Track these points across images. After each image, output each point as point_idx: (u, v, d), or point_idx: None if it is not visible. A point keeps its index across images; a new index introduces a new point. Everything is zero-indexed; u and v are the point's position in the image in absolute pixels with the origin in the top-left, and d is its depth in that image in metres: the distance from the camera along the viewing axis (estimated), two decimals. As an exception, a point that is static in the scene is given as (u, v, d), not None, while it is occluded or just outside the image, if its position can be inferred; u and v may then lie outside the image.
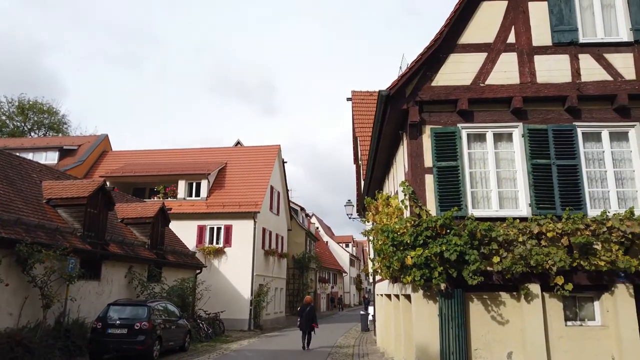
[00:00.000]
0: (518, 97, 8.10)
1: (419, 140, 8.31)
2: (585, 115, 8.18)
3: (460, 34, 8.42)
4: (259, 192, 25.98)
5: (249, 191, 26.03)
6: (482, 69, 8.30)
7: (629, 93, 7.97)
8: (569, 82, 8.11)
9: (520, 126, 8.20)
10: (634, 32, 8.20)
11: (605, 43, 8.24)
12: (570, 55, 8.23)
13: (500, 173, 8.23)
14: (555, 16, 8.34)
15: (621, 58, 8.17)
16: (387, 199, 9.40)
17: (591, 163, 8.14)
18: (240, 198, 25.52)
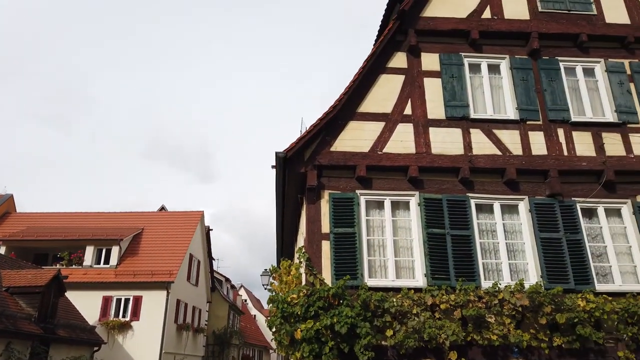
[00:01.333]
0: (414, 167, 8.17)
1: (317, 205, 8.05)
2: (477, 187, 8.36)
3: (360, 103, 8.56)
4: (175, 261, 24.43)
5: (164, 259, 24.41)
6: (381, 137, 8.38)
7: (516, 167, 8.28)
8: (461, 155, 8.33)
9: (417, 195, 8.20)
10: (519, 111, 8.71)
11: (494, 120, 8.67)
12: (463, 129, 8.55)
13: (398, 241, 8.07)
14: (449, 92, 8.74)
15: (509, 134, 8.59)
16: (288, 266, 8.90)
17: (484, 234, 8.21)
18: (154, 266, 23.79)
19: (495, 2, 9.32)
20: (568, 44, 9.32)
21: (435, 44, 9.10)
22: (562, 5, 9.43)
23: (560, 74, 9.08)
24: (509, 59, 9.09)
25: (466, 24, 9.04)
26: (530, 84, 8.92)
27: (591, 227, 8.37)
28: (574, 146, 8.59)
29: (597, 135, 8.69)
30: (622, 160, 8.50)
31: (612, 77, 9.13)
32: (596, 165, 8.42)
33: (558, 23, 9.25)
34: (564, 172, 8.39)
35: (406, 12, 8.74)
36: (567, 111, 8.78)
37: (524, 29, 9.10)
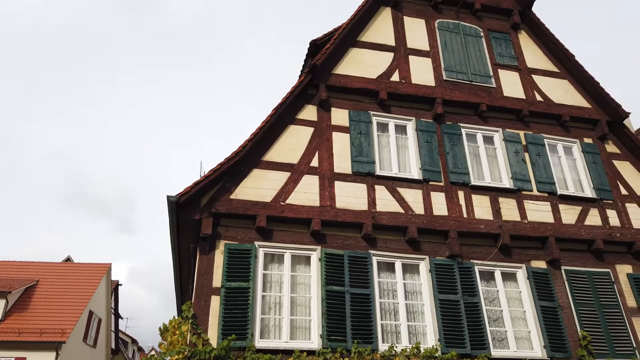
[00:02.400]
0: (317, 220, 7.90)
1: (210, 256, 7.46)
2: (380, 244, 8.21)
3: (266, 151, 8.32)
4: (70, 318, 21.93)
5: (58, 316, 21.84)
6: (285, 187, 8.11)
7: (418, 227, 8.27)
8: (365, 211, 8.21)
9: (319, 250, 7.87)
10: (423, 171, 8.87)
11: (399, 178, 8.73)
12: (368, 185, 8.50)
13: (296, 299, 7.59)
14: (356, 148, 8.76)
15: (412, 193, 8.65)
16: (178, 324, 8.04)
17: (385, 294, 7.95)
18: (45, 324, 21.15)
19: (404, 67, 9.73)
20: (470, 112, 9.83)
21: (345, 100, 9.22)
22: (464, 76, 10.03)
23: (462, 139, 9.46)
24: (415, 121, 9.37)
25: (375, 84, 9.30)
26: (434, 146, 9.19)
27: (489, 291, 8.40)
28: (473, 209, 8.79)
29: (495, 200, 8.99)
30: (517, 226, 8.78)
31: (509, 146, 9.65)
32: (493, 228, 8.61)
33: (461, 92, 9.77)
34: (464, 233, 8.49)
35: (317, 66, 8.85)
36: (467, 175, 9.07)
37: (429, 95, 9.50)
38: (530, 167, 9.54)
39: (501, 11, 11.11)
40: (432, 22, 10.53)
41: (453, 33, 10.55)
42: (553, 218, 9.10)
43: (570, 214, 9.25)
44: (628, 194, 9.85)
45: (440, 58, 10.11)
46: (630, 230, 9.35)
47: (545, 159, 9.74)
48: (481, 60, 10.39)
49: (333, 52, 9.19)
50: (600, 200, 9.55)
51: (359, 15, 9.69)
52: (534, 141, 9.85)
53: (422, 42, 10.22)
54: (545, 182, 9.42)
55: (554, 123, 10.26)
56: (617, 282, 8.92)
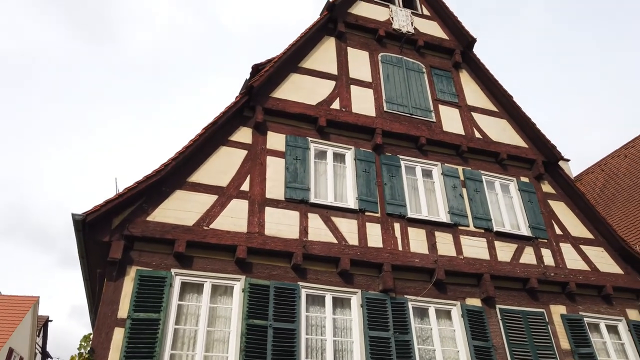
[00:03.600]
0: (243, 247, 7.35)
1: (118, 283, 6.72)
2: (311, 276, 7.72)
3: (192, 172, 7.79)
4: (-19, 356, 19.76)
5: (-34, 353, 19.65)
6: (210, 211, 7.55)
7: (351, 258, 7.86)
8: (296, 239, 7.75)
9: (243, 280, 7.29)
10: (359, 201, 8.56)
11: (334, 207, 8.37)
12: (301, 212, 8.08)
13: (213, 333, 6.91)
14: (291, 174, 8.38)
15: (347, 223, 8.29)
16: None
17: (312, 329, 7.40)
18: (-51, 362, 18.95)
19: (345, 96, 9.59)
20: (410, 145, 9.73)
21: (283, 125, 8.90)
22: (405, 109, 10.00)
23: (400, 171, 9.29)
24: (354, 150, 9.15)
25: (315, 110, 9.06)
26: (372, 177, 8.95)
27: (422, 328, 8.02)
28: (408, 242, 8.51)
29: (431, 234, 8.76)
30: (453, 261, 8.55)
31: (447, 180, 9.56)
32: (428, 263, 8.33)
33: (401, 124, 9.70)
34: (398, 267, 8.15)
35: (254, 88, 8.53)
36: (404, 207, 8.84)
37: (369, 125, 9.35)
38: (467, 203, 9.45)
39: (443, 50, 11.33)
40: (375, 55, 10.55)
41: (396, 67, 10.60)
42: (489, 255, 8.95)
43: (506, 251, 9.14)
44: (562, 234, 9.91)
45: (382, 90, 10.07)
46: (564, 270, 9.33)
47: (483, 195, 9.70)
48: (422, 95, 10.44)
49: (272, 75, 8.93)
50: (536, 239, 9.53)
51: (301, 42, 9.55)
52: (472, 177, 9.83)
53: (365, 73, 10.18)
54: (481, 218, 9.32)
55: (492, 160, 10.32)
56: (551, 323, 8.77)
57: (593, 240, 10.09)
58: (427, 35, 11.26)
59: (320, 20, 10.10)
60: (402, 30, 10.92)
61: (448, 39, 11.44)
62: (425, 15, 11.72)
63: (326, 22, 10.36)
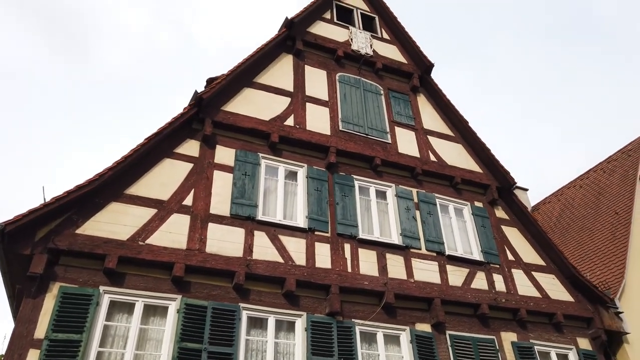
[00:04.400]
0: (180, 264, 6.92)
1: (38, 300, 6.16)
2: (254, 297, 7.32)
3: (131, 183, 7.37)
4: None
5: None
6: (147, 225, 7.11)
7: (297, 279, 7.53)
8: (239, 257, 7.37)
9: (179, 299, 6.83)
10: (309, 220, 8.29)
11: (282, 225, 8.07)
12: (247, 230, 7.74)
13: (142, 357, 6.38)
14: (238, 189, 8.06)
15: (295, 242, 7.98)
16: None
17: (252, 354, 6.97)
18: None
19: (300, 113, 9.43)
20: (365, 165, 9.59)
21: (234, 140, 8.62)
22: (361, 129, 9.90)
23: (354, 191, 9.11)
24: (307, 168, 8.93)
25: (267, 126, 8.84)
26: (324, 196, 8.72)
27: (369, 354, 7.69)
28: (358, 264, 8.25)
29: (382, 256, 8.54)
30: (403, 284, 8.32)
31: (401, 202, 9.43)
32: (378, 285, 8.08)
33: (356, 144, 9.57)
34: (346, 289, 7.86)
35: (204, 100, 8.26)
36: (355, 227, 8.61)
37: (323, 143, 9.18)
38: (420, 225, 9.31)
39: (402, 73, 11.40)
40: (333, 75, 10.49)
41: (353, 87, 10.56)
42: (440, 279, 8.78)
43: (458, 275, 9.00)
44: (514, 260, 9.87)
45: (338, 109, 9.97)
46: (516, 296, 9.24)
47: (436, 218, 9.59)
48: (379, 116, 10.39)
49: (224, 88, 8.69)
50: (488, 264, 9.44)
51: (256, 58, 9.39)
52: (426, 200, 9.73)
53: (322, 91, 10.08)
54: (434, 242, 9.18)
55: (446, 184, 10.29)
56: (502, 350, 8.60)
57: (545, 267, 10.09)
58: (386, 58, 11.32)
59: (277, 37, 10.00)
60: (361, 52, 10.95)
61: (407, 63, 11.54)
62: (385, 39, 11.82)
63: (284, 40, 10.27)
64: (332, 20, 11.30)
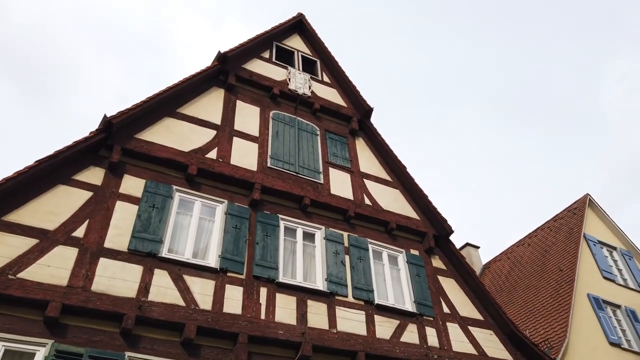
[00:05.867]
0: (57, 303, 5.95)
1: None
2: (144, 345, 6.34)
3: (12, 209, 6.49)
4: None
5: None
6: (23, 257, 6.18)
7: (199, 325, 6.62)
8: (131, 298, 6.46)
9: (49, 345, 5.80)
10: (221, 259, 7.51)
11: (190, 264, 7.24)
12: (145, 267, 6.87)
13: (-12, 416, 5.25)
14: (142, 222, 7.27)
15: (202, 284, 7.14)
16: None
17: (133, 414, 5.90)
18: None
19: (225, 147, 8.88)
20: (293, 205, 9.00)
21: (145, 170, 7.93)
22: (291, 167, 9.40)
23: (278, 231, 8.43)
24: (227, 204, 8.25)
25: (186, 157, 8.22)
26: (243, 234, 8.00)
27: (279, 416, 6.70)
28: (274, 310, 7.42)
29: (303, 302, 7.75)
30: (324, 335, 7.50)
31: (330, 245, 8.78)
32: (294, 335, 7.22)
33: (284, 182, 9.02)
34: (257, 339, 6.98)
35: (113, 125, 7.62)
36: (275, 270, 7.86)
37: (248, 178, 8.58)
38: (349, 271, 8.63)
39: (341, 116, 11.15)
40: (267, 112, 10.11)
41: (288, 126, 10.18)
42: (366, 330, 8.00)
43: (386, 327, 8.25)
44: (450, 313, 9.21)
45: (268, 145, 9.49)
46: (449, 352, 8.50)
47: (367, 264, 8.95)
48: (313, 156, 9.96)
49: (139, 115, 8.12)
50: (420, 316, 8.74)
51: (181, 88, 8.94)
52: (357, 244, 9.12)
53: (252, 127, 9.63)
54: (362, 289, 8.48)
55: (381, 229, 9.75)
56: (432, 413, 7.73)
57: (482, 322, 9.46)
58: (324, 100, 11.09)
59: (208, 70, 9.63)
60: (298, 92, 10.69)
61: (346, 107, 11.34)
62: (326, 82, 11.67)
63: (217, 73, 9.92)
64: (270, 60, 11.10)
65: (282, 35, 11.94)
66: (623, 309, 13.09)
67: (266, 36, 11.23)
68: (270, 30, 11.44)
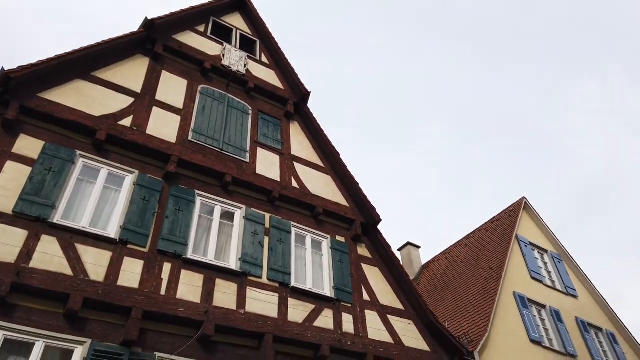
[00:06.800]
0: None
1: None
2: (20, 314, 5.77)
3: None
4: None
5: None
6: None
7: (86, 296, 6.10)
8: (10, 264, 5.87)
9: None
10: (123, 230, 7.00)
11: (84, 232, 6.68)
12: (32, 233, 6.26)
13: None
14: (34, 185, 6.64)
15: (96, 254, 6.60)
16: None
17: (-4, 389, 5.32)
18: None
19: (142, 116, 8.37)
20: (214, 182, 8.59)
21: (47, 131, 7.32)
22: (215, 143, 8.98)
23: (193, 207, 7.99)
24: (137, 175, 7.74)
25: (95, 122, 7.66)
26: (151, 206, 7.52)
27: (170, 397, 6.26)
28: (177, 286, 6.98)
29: (210, 281, 7.34)
30: (230, 315, 7.11)
31: (249, 225, 8.42)
32: (196, 314, 6.80)
33: (206, 157, 8.59)
34: (154, 315, 6.52)
35: (12, 80, 7.00)
36: (184, 246, 7.42)
37: (164, 150, 8.10)
38: (266, 252, 8.29)
39: (277, 98, 10.83)
40: (195, 85, 9.66)
41: (217, 101, 9.76)
42: (278, 313, 7.67)
43: (300, 311, 7.95)
44: (370, 301, 9.02)
45: (192, 119, 9.04)
46: (365, 339, 8.28)
47: (287, 247, 8.64)
48: (241, 135, 9.58)
49: (44, 73, 7.52)
50: (338, 302, 8.50)
51: (97, 50, 8.38)
52: (279, 226, 8.80)
53: (177, 99, 9.15)
54: (279, 271, 8.16)
55: (308, 214, 9.48)
56: (340, 401, 7.48)
57: (403, 311, 9.32)
58: (260, 80, 10.74)
59: (132, 35, 9.10)
60: (232, 69, 10.29)
61: (283, 89, 11.03)
62: (264, 62, 11.33)
63: (143, 41, 9.39)
64: (205, 34, 10.66)
65: (222, 12, 11.53)
66: (548, 309, 13.35)
67: (202, 9, 10.80)
68: (208, 4, 11.02)
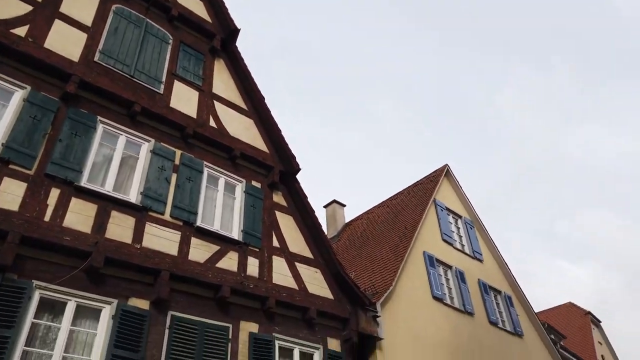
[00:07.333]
0: None
1: None
2: None
3: None
4: None
5: None
6: None
7: None
8: None
9: None
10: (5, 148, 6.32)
11: None
12: None
13: None
14: None
15: None
16: None
17: None
18: None
19: (41, 27, 7.51)
20: (121, 110, 7.96)
21: None
22: (125, 68, 8.30)
23: (93, 133, 7.39)
24: (29, 91, 6.99)
25: (-19, 25, 6.77)
26: (42, 127, 6.85)
27: (49, 327, 5.89)
28: (64, 214, 6.49)
29: (105, 212, 6.90)
30: (123, 248, 6.74)
31: (156, 159, 7.96)
32: (84, 244, 6.37)
33: (113, 82, 7.92)
34: (35, 241, 6.03)
35: None
36: (77, 172, 6.87)
37: (64, 67, 7.35)
38: (172, 189, 7.92)
39: (203, 31, 10.15)
40: (109, 4, 8.79)
41: (132, 24, 8.97)
42: (178, 251, 7.41)
43: (203, 251, 7.73)
44: (279, 247, 8.97)
45: (101, 39, 8.26)
46: (268, 284, 8.26)
47: (197, 186, 8.30)
48: (157, 64, 8.92)
49: None
50: (245, 245, 8.36)
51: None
52: (190, 164, 8.41)
53: (85, 15, 8.28)
54: (184, 210, 7.84)
55: (224, 156, 9.12)
56: (235, 341, 7.46)
57: (311, 260, 9.38)
58: (185, 9, 9.98)
59: None
60: (154, -8, 9.47)
61: (210, 22, 10.35)
62: (193, -8, 10.54)
63: (50, -56, 8.33)
64: (126, -51, 9.67)
65: None
66: (454, 270, 14.08)
67: None
68: None
